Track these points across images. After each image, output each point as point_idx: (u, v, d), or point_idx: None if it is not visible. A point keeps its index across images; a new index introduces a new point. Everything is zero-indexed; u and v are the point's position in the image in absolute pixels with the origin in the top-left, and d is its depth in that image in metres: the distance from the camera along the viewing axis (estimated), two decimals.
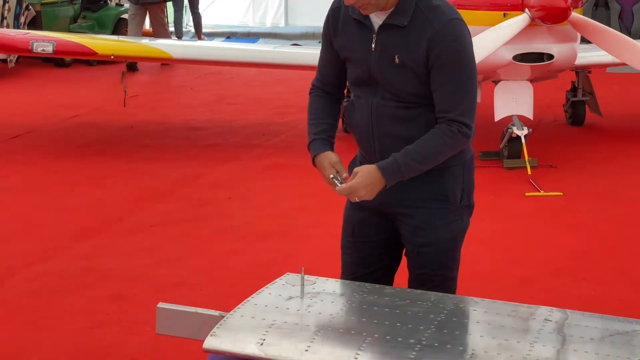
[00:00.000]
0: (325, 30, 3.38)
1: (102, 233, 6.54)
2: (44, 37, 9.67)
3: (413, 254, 3.37)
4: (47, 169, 8.43)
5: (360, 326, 2.68)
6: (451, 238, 3.36)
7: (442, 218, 3.32)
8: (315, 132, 3.37)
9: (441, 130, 3.17)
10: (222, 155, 9.01)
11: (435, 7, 3.16)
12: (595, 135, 9.96)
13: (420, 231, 3.32)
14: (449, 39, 3.12)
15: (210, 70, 14.22)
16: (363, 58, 3.26)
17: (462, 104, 3.16)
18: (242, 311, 2.79)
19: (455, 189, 3.33)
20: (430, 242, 3.32)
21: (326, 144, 3.34)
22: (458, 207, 3.35)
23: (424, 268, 3.35)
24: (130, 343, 4.65)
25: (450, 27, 3.13)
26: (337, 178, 3.24)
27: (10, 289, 5.43)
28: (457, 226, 3.37)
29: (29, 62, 14.82)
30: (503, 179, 8.05)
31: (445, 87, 3.15)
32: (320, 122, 3.40)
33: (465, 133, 3.19)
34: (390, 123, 3.24)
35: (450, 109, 3.16)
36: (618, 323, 2.78)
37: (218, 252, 6.12)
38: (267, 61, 10.02)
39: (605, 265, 5.89)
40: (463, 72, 3.15)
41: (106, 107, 11.40)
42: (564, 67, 8.74)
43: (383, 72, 3.23)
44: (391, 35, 3.19)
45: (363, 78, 3.30)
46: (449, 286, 3.38)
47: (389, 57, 3.20)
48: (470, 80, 3.18)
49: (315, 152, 3.33)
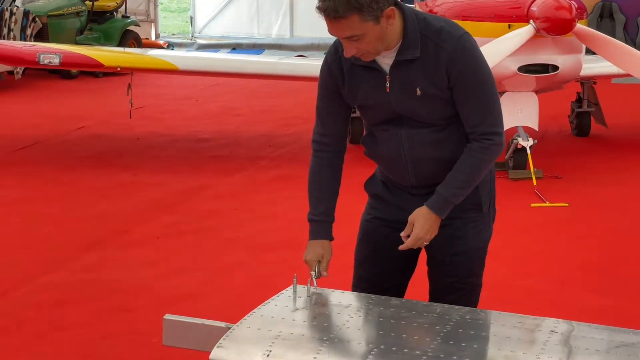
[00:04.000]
0: (325, 80, 3.30)
1: (108, 245, 6.55)
2: (51, 49, 9.71)
3: (444, 263, 3.37)
4: (53, 181, 8.45)
5: (366, 337, 2.68)
6: (481, 246, 3.41)
7: (474, 227, 3.35)
8: (320, 212, 3.38)
9: (474, 150, 3.19)
10: (227, 166, 9.02)
11: (440, 30, 3.14)
12: (601, 146, 9.96)
13: (455, 240, 3.33)
14: (464, 56, 3.12)
15: (216, 81, 14.24)
16: (381, 101, 3.22)
17: (489, 115, 3.18)
18: (249, 322, 2.79)
19: (485, 197, 3.38)
20: (463, 250, 3.34)
21: (329, 228, 3.36)
22: (487, 215, 3.40)
23: (455, 277, 3.37)
24: (137, 355, 4.65)
25: (461, 44, 3.12)
26: (314, 277, 3.21)
27: (16, 301, 5.44)
28: (486, 234, 3.42)
29: (36, 74, 14.86)
30: (508, 190, 8.04)
31: (470, 102, 3.16)
32: (321, 201, 3.38)
33: (497, 143, 3.21)
34: (423, 149, 3.24)
35: (478, 122, 3.17)
36: (624, 335, 2.78)
37: (224, 264, 6.13)
38: (272, 72, 10.04)
39: (611, 276, 5.88)
40: (484, 84, 3.17)
41: (112, 119, 11.43)
42: (569, 78, 8.75)
43: (407, 108, 3.21)
44: (405, 70, 3.16)
45: (386, 117, 3.27)
46: (477, 293, 3.42)
47: (409, 92, 3.17)
48: (492, 89, 3.20)
49: (316, 237, 3.35)
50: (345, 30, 3.04)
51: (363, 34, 3.04)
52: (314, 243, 3.34)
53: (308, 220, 3.39)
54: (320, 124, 3.39)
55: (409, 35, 3.12)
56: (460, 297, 3.22)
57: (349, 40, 3.07)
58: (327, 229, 3.37)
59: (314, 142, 3.42)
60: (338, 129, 3.38)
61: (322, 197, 3.38)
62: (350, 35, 3.05)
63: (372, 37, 3.06)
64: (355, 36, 3.05)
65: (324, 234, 3.35)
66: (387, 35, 3.10)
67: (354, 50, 3.10)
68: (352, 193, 4.24)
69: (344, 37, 3.08)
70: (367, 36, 3.05)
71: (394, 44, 3.14)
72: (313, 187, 3.40)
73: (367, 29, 3.03)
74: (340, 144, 3.41)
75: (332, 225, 3.38)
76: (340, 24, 3.03)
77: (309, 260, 3.30)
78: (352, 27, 3.03)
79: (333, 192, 3.41)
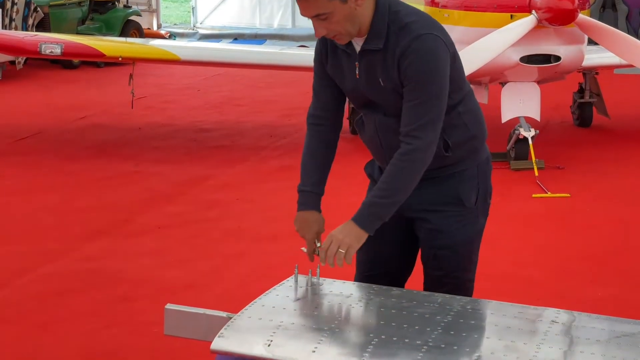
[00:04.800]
0: (317, 55, 3.34)
1: (110, 234, 6.56)
2: (53, 39, 9.70)
3: (430, 258, 3.37)
4: (55, 171, 8.45)
5: (368, 327, 2.69)
6: (467, 241, 3.35)
7: (457, 221, 3.30)
8: (310, 183, 3.38)
9: (396, 157, 3.12)
10: (229, 156, 9.03)
11: (406, 26, 3.10)
12: (603, 137, 9.95)
13: (437, 234, 3.31)
14: (414, 55, 3.06)
15: (218, 72, 14.23)
16: (354, 86, 3.24)
17: (420, 119, 3.08)
18: (250, 312, 2.80)
19: (469, 192, 3.32)
20: (447, 245, 3.31)
21: (317, 200, 3.36)
22: (473, 210, 3.33)
23: (441, 271, 3.35)
24: (138, 344, 4.66)
25: (417, 43, 3.06)
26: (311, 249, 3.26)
27: (18, 291, 5.45)
28: (473, 228, 3.35)
29: (37, 64, 14.86)
30: (510, 180, 8.05)
31: (408, 102, 3.10)
32: (311, 173, 3.39)
33: (417, 148, 3.09)
34: (395, 137, 3.20)
35: (408, 123, 3.10)
36: (625, 325, 2.78)
37: (226, 254, 6.14)
38: (274, 63, 10.04)
39: (612, 266, 5.89)
40: (426, 87, 3.07)
41: (114, 109, 11.43)
42: (571, 69, 8.73)
43: (373, 95, 3.22)
44: (370, 60, 3.16)
45: (362, 101, 3.30)
46: (467, 288, 3.38)
47: (373, 81, 3.18)
48: (434, 95, 3.08)
49: (304, 208, 3.36)
50: (312, 9, 3.06)
51: (330, 12, 3.04)
52: (302, 214, 3.36)
53: (297, 191, 3.40)
54: (316, 99, 3.42)
55: (376, 26, 3.12)
56: (449, 292, 3.18)
57: (318, 19, 3.08)
58: (315, 200, 3.37)
59: (309, 117, 3.45)
60: (332, 104, 3.38)
61: (313, 169, 3.39)
62: (317, 13, 3.06)
63: (340, 16, 3.06)
64: (322, 14, 3.06)
65: (312, 205, 3.36)
66: (356, 17, 3.09)
67: (324, 31, 3.11)
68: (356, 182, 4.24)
69: (312, 16, 3.09)
70: (335, 15, 3.05)
71: (364, 32, 3.15)
72: (304, 159, 3.42)
73: (333, 7, 3.04)
74: (334, 119, 3.41)
75: (321, 198, 3.38)
76: (307, 3, 3.05)
77: (309, 239, 3.30)
78: (318, 6, 3.04)
79: (324, 165, 3.41)
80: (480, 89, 8.98)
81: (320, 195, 3.39)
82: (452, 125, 3.24)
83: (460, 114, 3.26)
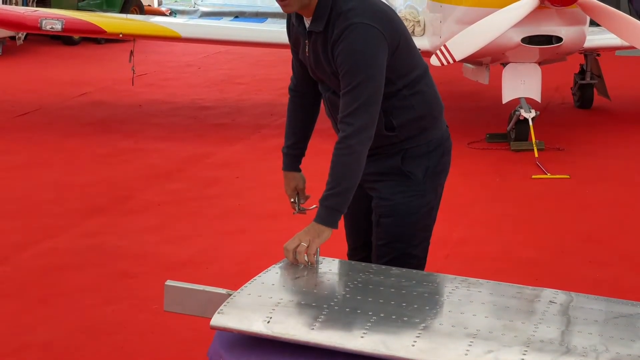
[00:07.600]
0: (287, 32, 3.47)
1: (110, 211, 6.57)
2: (53, 14, 9.69)
3: (374, 225, 3.42)
4: (55, 147, 8.46)
5: (367, 306, 2.70)
6: (411, 211, 3.35)
7: (401, 191, 3.34)
8: (287, 146, 3.56)
9: (335, 148, 3.15)
10: (229, 134, 9.03)
11: (343, 13, 3.13)
12: (603, 118, 9.96)
13: (381, 201, 3.37)
14: (346, 41, 3.09)
15: (218, 49, 14.21)
16: (307, 63, 3.34)
17: (350, 105, 3.10)
18: (249, 289, 2.81)
19: (415, 169, 3.34)
20: (389, 213, 3.35)
21: (295, 161, 3.56)
22: (420, 183, 3.35)
23: (382, 240, 3.38)
24: (138, 320, 4.68)
25: (349, 30, 3.09)
26: (296, 203, 3.56)
27: (19, 266, 5.47)
28: (418, 201, 3.35)
29: (38, 40, 14.84)
30: (510, 161, 8.06)
31: (342, 89, 3.14)
32: (292, 134, 3.56)
33: (350, 134, 3.10)
34: None
35: (342, 109, 3.14)
36: (622, 306, 2.79)
37: (225, 231, 6.15)
38: (275, 41, 10.01)
39: (610, 248, 5.91)
40: (354, 76, 3.09)
41: (114, 86, 11.43)
42: (572, 50, 8.73)
43: (319, 74, 3.31)
44: (315, 40, 3.23)
45: (315, 78, 3.38)
46: (409, 263, 3.34)
47: (317, 62, 3.25)
48: (363, 81, 3.09)
49: (284, 168, 3.56)
50: None
51: None
52: (286, 174, 3.57)
53: (282, 153, 3.59)
54: (293, 74, 3.57)
55: (320, 8, 3.17)
56: (389, 264, 3.22)
57: None
58: (291, 160, 3.56)
59: (289, 90, 3.61)
60: (305, 77, 3.48)
61: (292, 132, 3.56)
62: None
63: None
64: None
65: (289, 165, 3.55)
66: None
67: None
68: None
69: None
70: None
71: (311, 12, 3.20)
72: (286, 125, 3.59)
73: None
74: (309, 88, 3.52)
75: (301, 159, 3.56)
76: None
77: (288, 194, 3.56)
78: None
79: (303, 129, 3.56)
80: (481, 69, 8.98)
81: (297, 157, 3.56)
82: (397, 106, 3.28)
83: (406, 97, 3.29)
